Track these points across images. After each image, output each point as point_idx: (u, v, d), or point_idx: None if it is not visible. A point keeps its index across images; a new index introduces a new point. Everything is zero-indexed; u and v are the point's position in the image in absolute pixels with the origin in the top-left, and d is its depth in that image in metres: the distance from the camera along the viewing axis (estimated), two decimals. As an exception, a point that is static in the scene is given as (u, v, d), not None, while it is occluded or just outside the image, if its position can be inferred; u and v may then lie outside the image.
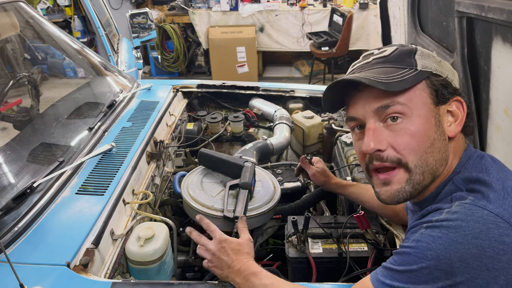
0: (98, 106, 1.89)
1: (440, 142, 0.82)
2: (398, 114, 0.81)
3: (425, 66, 0.83)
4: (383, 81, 0.80)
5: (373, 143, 0.82)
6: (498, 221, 0.69)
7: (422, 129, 0.80)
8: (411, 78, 0.81)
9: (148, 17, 3.31)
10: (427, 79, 0.83)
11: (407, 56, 0.85)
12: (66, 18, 4.97)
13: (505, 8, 0.91)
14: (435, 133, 0.81)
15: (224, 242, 1.09)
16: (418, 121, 0.80)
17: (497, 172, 0.79)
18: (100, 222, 1.19)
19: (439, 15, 1.40)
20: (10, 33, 2.09)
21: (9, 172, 1.43)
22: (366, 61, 0.89)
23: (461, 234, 0.69)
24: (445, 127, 0.84)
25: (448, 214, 0.73)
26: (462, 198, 0.76)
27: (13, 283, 0.89)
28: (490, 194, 0.74)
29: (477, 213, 0.71)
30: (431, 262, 0.70)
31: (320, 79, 5.80)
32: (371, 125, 0.84)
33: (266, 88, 2.33)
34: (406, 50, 0.86)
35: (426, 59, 0.85)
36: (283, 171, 1.77)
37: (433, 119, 0.82)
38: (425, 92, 0.82)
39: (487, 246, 0.67)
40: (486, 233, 0.68)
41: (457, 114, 0.85)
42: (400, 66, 0.83)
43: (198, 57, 6.19)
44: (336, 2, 5.66)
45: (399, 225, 1.28)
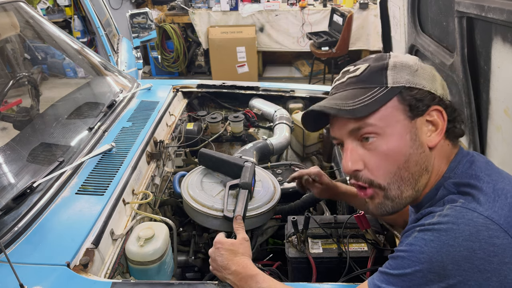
0: (98, 106, 1.89)
1: (417, 155, 0.82)
2: (370, 135, 0.83)
3: (396, 81, 0.83)
4: (349, 108, 0.82)
5: (351, 164, 0.85)
6: (488, 223, 0.70)
7: (396, 147, 0.82)
8: (380, 98, 0.82)
9: (148, 17, 3.31)
10: (398, 95, 0.82)
11: (378, 74, 0.85)
12: (66, 18, 4.97)
13: (505, 8, 0.91)
14: (410, 148, 0.82)
15: (218, 243, 1.10)
16: (391, 140, 0.82)
17: (488, 175, 0.79)
18: (100, 222, 1.19)
19: (439, 15, 1.40)
20: (10, 33, 2.09)
21: (9, 172, 1.43)
22: (341, 81, 0.90)
23: (452, 236, 0.70)
24: (423, 138, 0.83)
25: (440, 217, 0.74)
26: (454, 201, 0.77)
27: (13, 283, 0.89)
28: (480, 196, 0.75)
29: (467, 215, 0.71)
30: (424, 265, 0.71)
31: (320, 79, 5.80)
32: (349, 145, 0.86)
33: (266, 88, 2.33)
34: (377, 66, 0.86)
35: (398, 73, 0.84)
36: (283, 171, 1.77)
37: (408, 134, 0.82)
38: (397, 109, 0.82)
39: (477, 248, 0.68)
40: (476, 235, 0.69)
41: (437, 123, 0.84)
42: (370, 86, 0.84)
43: (198, 57, 6.19)
44: (336, 2, 5.66)
45: (400, 225, 1.28)
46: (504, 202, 0.74)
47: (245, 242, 1.12)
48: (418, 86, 0.83)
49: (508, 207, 0.73)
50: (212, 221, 1.34)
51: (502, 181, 0.79)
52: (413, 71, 0.84)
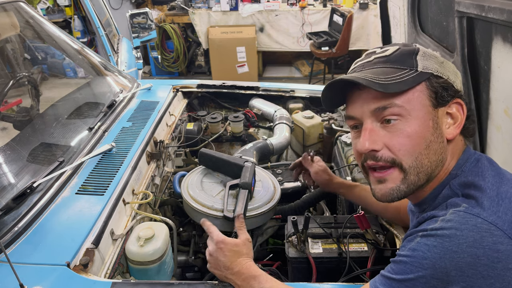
0: (98, 106, 1.89)
1: (437, 144, 0.82)
2: (395, 116, 0.81)
3: (426, 67, 0.83)
4: (381, 82, 0.80)
5: (368, 143, 0.83)
6: (492, 229, 0.70)
7: (419, 131, 0.81)
8: (410, 80, 0.81)
9: (148, 17, 3.31)
10: (427, 81, 0.82)
11: (409, 57, 0.84)
12: (66, 18, 4.97)
13: (505, 8, 0.91)
14: (432, 135, 0.81)
15: (221, 243, 1.08)
16: (415, 123, 0.81)
17: (493, 176, 0.79)
18: (100, 222, 1.19)
19: (439, 15, 1.40)
20: (10, 33, 2.09)
21: (9, 172, 1.43)
22: (367, 60, 0.88)
23: (456, 243, 0.69)
24: (443, 129, 0.84)
25: (443, 223, 0.73)
26: (457, 205, 0.76)
27: (13, 283, 0.89)
28: (484, 200, 0.74)
29: (471, 221, 0.71)
30: (428, 271, 0.70)
31: (320, 79, 5.80)
32: (368, 125, 0.84)
33: (266, 88, 2.33)
34: (408, 50, 0.85)
35: (427, 60, 0.84)
36: (283, 171, 1.77)
37: (431, 121, 0.82)
38: (424, 94, 0.82)
39: (481, 255, 0.68)
40: (480, 242, 0.68)
41: (456, 116, 0.85)
42: (401, 67, 0.83)
43: (198, 57, 6.19)
44: (336, 2, 5.66)
45: (399, 225, 1.28)
46: (508, 206, 0.73)
47: (248, 243, 1.12)
48: (444, 76, 0.83)
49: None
50: (212, 221, 1.33)
51: (506, 183, 0.78)
52: (439, 62, 0.85)
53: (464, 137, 0.88)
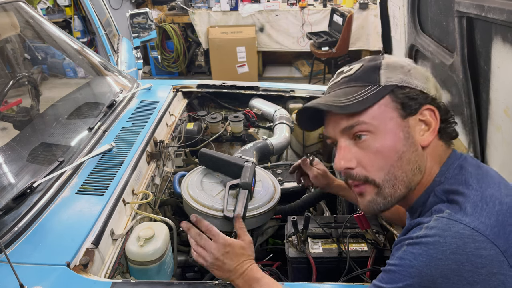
0: (98, 106, 1.89)
1: (410, 153, 0.83)
2: (363, 133, 0.83)
3: (389, 80, 0.84)
4: (341, 104, 0.83)
5: (343, 162, 0.86)
6: (475, 234, 0.70)
7: (388, 145, 0.82)
8: (372, 96, 0.83)
9: (148, 17, 3.31)
10: (391, 93, 0.83)
11: (372, 72, 0.86)
12: (66, 18, 4.97)
13: (505, 8, 0.91)
14: (403, 146, 0.82)
15: (228, 247, 1.07)
16: (384, 138, 0.83)
17: (478, 180, 0.79)
18: (100, 222, 1.19)
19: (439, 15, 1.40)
20: (10, 33, 2.09)
21: (9, 172, 1.43)
22: (335, 81, 0.92)
23: (440, 250, 0.70)
24: (416, 137, 0.84)
25: (427, 230, 0.74)
26: (440, 211, 0.77)
27: (13, 283, 0.89)
28: (467, 205, 0.74)
29: (453, 227, 0.71)
30: (415, 280, 0.71)
31: (320, 79, 5.80)
32: (342, 144, 0.87)
33: (266, 88, 2.33)
34: (371, 66, 0.87)
35: (391, 72, 0.85)
36: (283, 171, 1.77)
37: (401, 132, 0.83)
38: (389, 107, 0.83)
39: (465, 261, 0.68)
40: (463, 248, 0.69)
41: (429, 122, 0.85)
42: (363, 84, 0.85)
43: (198, 57, 6.19)
44: (336, 2, 5.66)
45: (400, 226, 1.28)
46: (491, 210, 0.73)
47: (251, 244, 1.13)
48: (410, 85, 0.84)
49: (496, 215, 0.73)
50: (212, 221, 1.33)
51: (492, 187, 0.78)
52: (405, 71, 0.85)
53: (445, 140, 0.88)
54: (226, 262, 1.05)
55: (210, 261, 1.07)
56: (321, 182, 1.44)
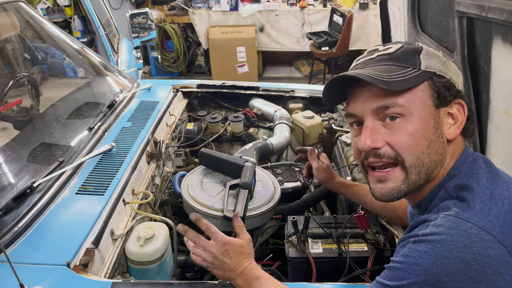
0: (98, 106, 1.89)
1: (438, 144, 0.82)
2: (396, 114, 0.81)
3: (429, 67, 0.82)
4: (384, 79, 0.79)
5: (370, 141, 0.82)
6: (482, 234, 0.69)
7: (420, 130, 0.80)
8: (413, 78, 0.80)
9: (148, 17, 3.31)
10: (429, 80, 0.82)
11: (412, 55, 0.83)
12: (66, 18, 4.97)
13: (505, 8, 0.91)
14: (432, 134, 0.81)
15: (227, 245, 1.06)
16: (417, 122, 0.80)
17: (488, 179, 0.79)
18: (100, 222, 1.19)
19: (439, 15, 1.40)
20: (10, 33, 2.09)
21: (9, 172, 1.43)
22: (370, 57, 0.88)
23: (446, 248, 0.69)
24: (444, 129, 0.83)
25: (433, 228, 0.73)
26: (448, 209, 0.76)
27: (13, 283, 0.89)
28: (476, 204, 0.74)
29: (461, 226, 0.71)
30: (420, 277, 0.71)
31: (320, 79, 5.80)
32: (369, 123, 0.84)
33: (266, 88, 2.33)
34: (411, 48, 0.85)
35: (431, 59, 0.83)
36: (283, 171, 1.77)
37: (432, 121, 0.81)
38: (426, 94, 0.81)
39: (471, 260, 0.68)
40: (470, 247, 0.68)
41: (457, 117, 0.85)
42: (404, 65, 0.82)
43: (198, 57, 6.19)
44: (336, 2, 5.66)
45: (399, 225, 1.28)
46: (500, 210, 0.73)
47: (250, 243, 1.12)
48: (447, 76, 0.83)
49: (504, 215, 0.72)
50: (212, 221, 1.33)
51: (501, 186, 0.78)
52: (442, 61, 0.85)
53: (464, 137, 0.88)
54: (225, 261, 1.04)
55: (210, 260, 1.06)
56: (322, 176, 1.43)
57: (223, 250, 1.06)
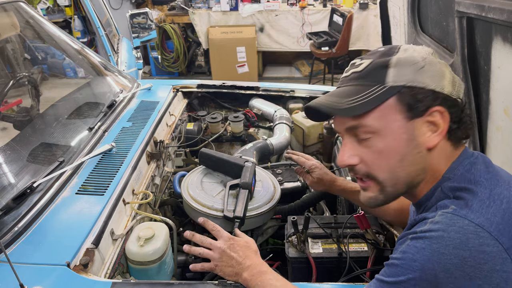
0: (98, 106, 1.89)
1: (413, 155, 0.82)
2: (366, 134, 0.83)
3: (397, 80, 0.80)
4: (344, 107, 0.82)
5: (345, 158, 0.87)
6: (478, 230, 0.70)
7: (390, 146, 0.82)
8: (377, 98, 0.81)
9: (148, 17, 3.31)
10: (398, 94, 0.80)
11: (379, 71, 0.82)
12: (66, 18, 4.97)
13: (505, 8, 0.91)
14: (406, 148, 0.82)
15: (233, 240, 1.10)
16: (387, 139, 0.82)
17: (487, 180, 0.79)
18: (100, 222, 1.19)
19: (439, 15, 1.40)
20: (10, 33, 2.09)
21: (9, 172, 1.43)
22: (346, 75, 0.89)
23: (443, 244, 0.70)
24: (422, 139, 0.81)
25: (431, 225, 0.74)
26: (446, 207, 0.77)
27: (13, 283, 0.89)
28: (474, 202, 0.74)
29: (457, 223, 0.72)
30: (417, 273, 0.72)
31: (320, 79, 5.80)
32: (346, 140, 0.88)
33: (266, 88, 2.33)
34: (379, 63, 0.83)
35: (401, 70, 0.81)
36: (283, 171, 1.77)
37: (405, 135, 0.81)
38: (394, 109, 0.81)
39: (468, 256, 0.68)
40: (466, 243, 0.69)
41: (438, 124, 0.81)
42: (370, 83, 0.83)
43: (198, 57, 6.19)
44: (336, 2, 5.66)
45: (400, 226, 1.28)
46: (498, 208, 0.73)
47: (254, 243, 1.13)
48: (419, 85, 0.80)
49: (502, 213, 0.73)
50: (212, 221, 1.33)
51: (501, 185, 0.78)
52: (417, 68, 0.81)
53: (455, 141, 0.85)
54: (232, 255, 1.06)
55: (217, 257, 1.07)
56: (320, 188, 1.46)
57: (230, 244, 1.08)
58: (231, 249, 1.07)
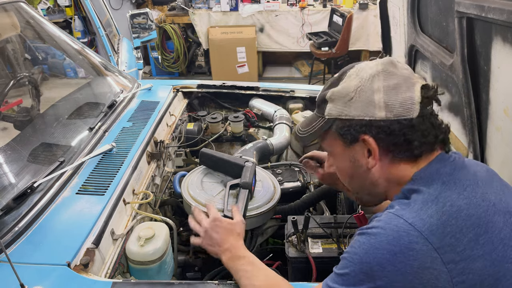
0: (98, 106, 1.89)
1: (360, 174, 0.93)
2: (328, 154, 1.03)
3: (329, 114, 0.91)
4: (301, 136, 1.00)
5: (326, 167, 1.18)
6: (410, 229, 0.74)
7: (341, 167, 0.98)
8: (318, 130, 0.94)
9: (148, 17, 3.31)
10: (334, 125, 0.91)
11: (322, 103, 0.94)
12: (67, 18, 4.97)
13: (505, 8, 0.91)
14: (351, 169, 0.94)
15: (217, 220, 1.15)
16: (337, 161, 0.98)
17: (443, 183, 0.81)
18: (100, 222, 1.19)
19: (439, 15, 1.41)
20: (11, 33, 2.09)
21: (10, 172, 1.43)
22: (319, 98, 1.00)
23: (379, 240, 0.76)
24: (363, 161, 0.91)
25: (375, 222, 0.80)
26: (392, 207, 0.83)
27: (14, 283, 0.89)
28: (416, 204, 0.79)
29: (393, 221, 0.77)
30: (357, 266, 0.77)
31: (320, 79, 5.80)
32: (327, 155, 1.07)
33: (266, 88, 2.33)
34: (322, 96, 0.94)
35: (334, 104, 0.90)
36: (283, 171, 1.77)
37: (347, 158, 0.93)
38: (333, 137, 0.93)
39: (398, 252, 0.73)
40: (398, 240, 0.74)
41: (371, 148, 0.88)
42: (317, 114, 0.96)
43: (198, 57, 6.19)
44: (336, 3, 5.66)
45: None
46: (438, 209, 0.76)
47: (242, 224, 1.18)
48: (347, 116, 0.88)
49: (440, 215, 0.76)
50: (212, 221, 1.34)
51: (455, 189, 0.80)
52: (346, 101, 0.87)
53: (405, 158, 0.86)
54: (213, 235, 1.12)
55: (202, 235, 1.15)
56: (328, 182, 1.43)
57: (213, 224, 1.14)
58: (213, 230, 1.13)
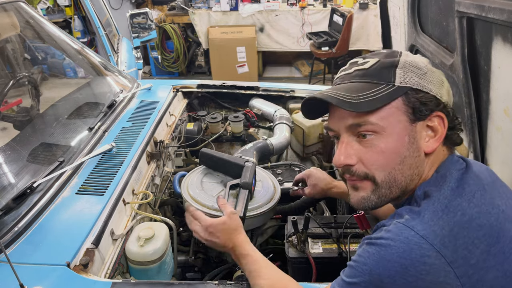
0: (98, 106, 1.89)
1: (412, 159, 0.82)
2: (368, 132, 0.82)
3: (404, 82, 0.81)
4: (352, 101, 0.80)
5: (343, 157, 0.84)
6: (421, 242, 0.71)
7: (393, 147, 0.81)
8: (385, 96, 0.80)
9: (148, 17, 3.31)
10: (404, 96, 0.81)
11: (387, 70, 0.83)
12: (66, 18, 4.98)
13: (505, 8, 0.91)
14: (407, 150, 0.81)
15: (210, 227, 1.14)
16: (389, 139, 0.81)
17: (452, 188, 0.78)
18: (100, 222, 1.19)
19: (439, 15, 1.40)
20: (10, 33, 2.09)
21: (9, 172, 1.43)
22: (348, 72, 0.88)
23: (389, 252, 0.73)
24: (421, 143, 0.82)
25: (384, 233, 0.77)
26: (401, 216, 0.78)
27: (13, 283, 0.89)
28: (426, 213, 0.75)
29: (404, 233, 0.73)
30: (366, 277, 0.75)
31: (320, 79, 5.80)
32: (344, 139, 0.85)
33: (266, 88, 2.33)
34: (388, 62, 0.83)
35: (408, 72, 0.82)
36: (283, 171, 1.77)
37: (407, 137, 0.81)
38: (400, 110, 0.81)
39: (409, 265, 0.70)
40: (409, 253, 0.71)
41: (437, 129, 0.83)
42: (377, 82, 0.82)
43: (198, 57, 6.19)
44: (336, 2, 5.66)
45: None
46: (450, 220, 0.73)
47: (232, 215, 1.17)
48: (425, 89, 0.81)
49: (451, 226, 0.72)
50: (212, 221, 1.33)
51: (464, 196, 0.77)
52: (422, 73, 0.82)
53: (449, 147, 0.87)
54: (214, 241, 1.13)
55: (206, 243, 1.17)
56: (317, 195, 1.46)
57: (208, 232, 1.15)
58: (211, 236, 1.14)
